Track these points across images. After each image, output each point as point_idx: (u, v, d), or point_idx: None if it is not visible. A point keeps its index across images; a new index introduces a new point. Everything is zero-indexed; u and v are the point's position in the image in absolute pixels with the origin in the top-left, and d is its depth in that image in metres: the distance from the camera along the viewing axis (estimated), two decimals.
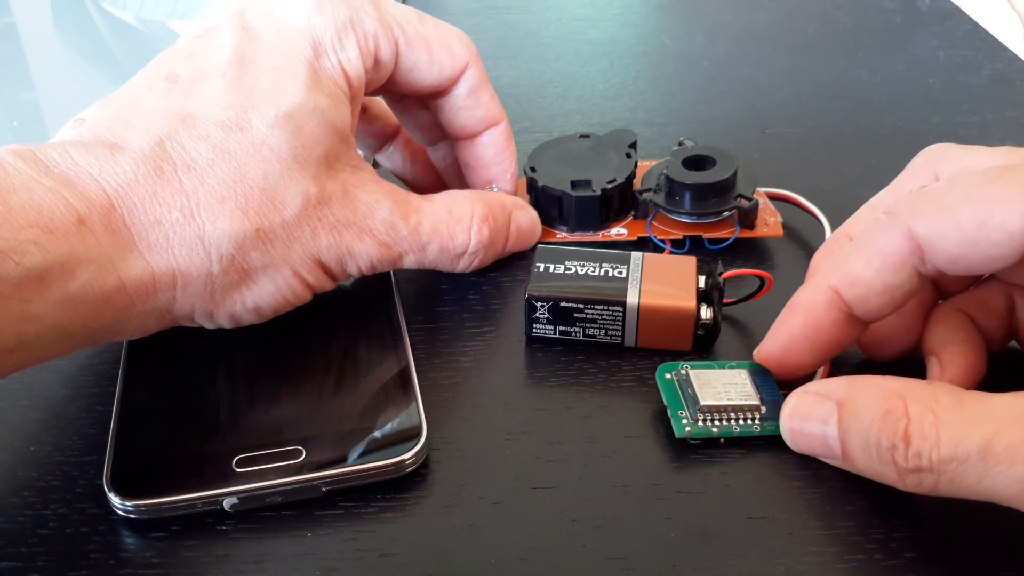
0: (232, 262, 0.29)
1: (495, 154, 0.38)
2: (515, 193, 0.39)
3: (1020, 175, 0.25)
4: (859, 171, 0.44)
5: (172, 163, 0.28)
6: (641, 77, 0.54)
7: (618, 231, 0.39)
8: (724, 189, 0.38)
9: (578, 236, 0.39)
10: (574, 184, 0.38)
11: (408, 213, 0.33)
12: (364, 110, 0.39)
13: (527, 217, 0.38)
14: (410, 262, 0.34)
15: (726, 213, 0.38)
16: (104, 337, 0.29)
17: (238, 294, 0.30)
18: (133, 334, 0.30)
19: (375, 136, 0.40)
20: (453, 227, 0.34)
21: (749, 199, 0.38)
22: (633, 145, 0.40)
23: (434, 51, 0.35)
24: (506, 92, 0.52)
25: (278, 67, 0.31)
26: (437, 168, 0.41)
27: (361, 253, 0.32)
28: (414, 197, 0.34)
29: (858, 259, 0.28)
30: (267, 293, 0.31)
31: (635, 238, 0.39)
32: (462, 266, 0.36)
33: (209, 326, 0.31)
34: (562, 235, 0.39)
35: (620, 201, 0.39)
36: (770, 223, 0.39)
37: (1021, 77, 0.52)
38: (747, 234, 0.38)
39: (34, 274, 0.25)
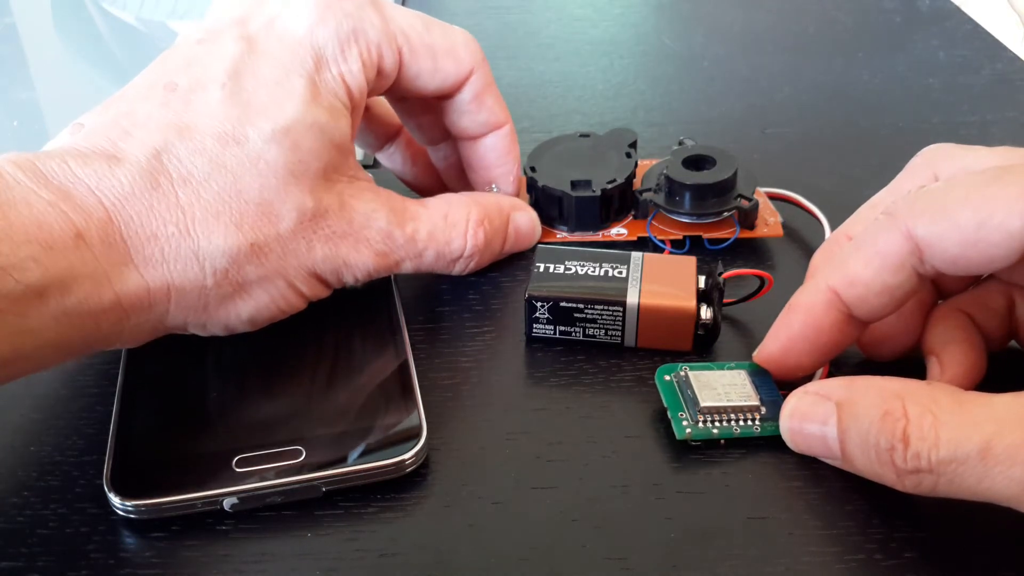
0: (226, 276, 0.29)
1: (497, 157, 0.38)
2: (516, 194, 0.39)
3: (1019, 176, 0.25)
4: (859, 171, 0.44)
5: (169, 176, 0.28)
6: (641, 77, 0.54)
7: (618, 231, 0.39)
8: (724, 189, 0.38)
9: (578, 236, 0.39)
10: (574, 184, 0.38)
11: (405, 221, 0.33)
12: (366, 109, 0.39)
13: (526, 218, 0.38)
14: (407, 268, 0.34)
15: (726, 213, 0.38)
16: (98, 347, 0.29)
17: (232, 306, 0.30)
18: (126, 343, 0.30)
19: (376, 135, 0.40)
20: (449, 232, 0.34)
21: (749, 199, 0.38)
22: (633, 145, 0.40)
23: (439, 59, 0.34)
24: (506, 92, 0.52)
25: (278, 80, 0.30)
26: (437, 168, 0.41)
27: (357, 263, 0.32)
28: (411, 203, 0.34)
29: (857, 260, 0.28)
30: (261, 305, 0.31)
31: (635, 238, 0.39)
32: (458, 269, 0.36)
33: (203, 335, 0.31)
34: (562, 235, 0.39)
35: (620, 201, 0.39)
36: (770, 223, 0.39)
37: (1021, 77, 0.52)
38: (747, 234, 0.38)
39: (32, 291, 0.25)
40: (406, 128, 0.40)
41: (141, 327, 0.29)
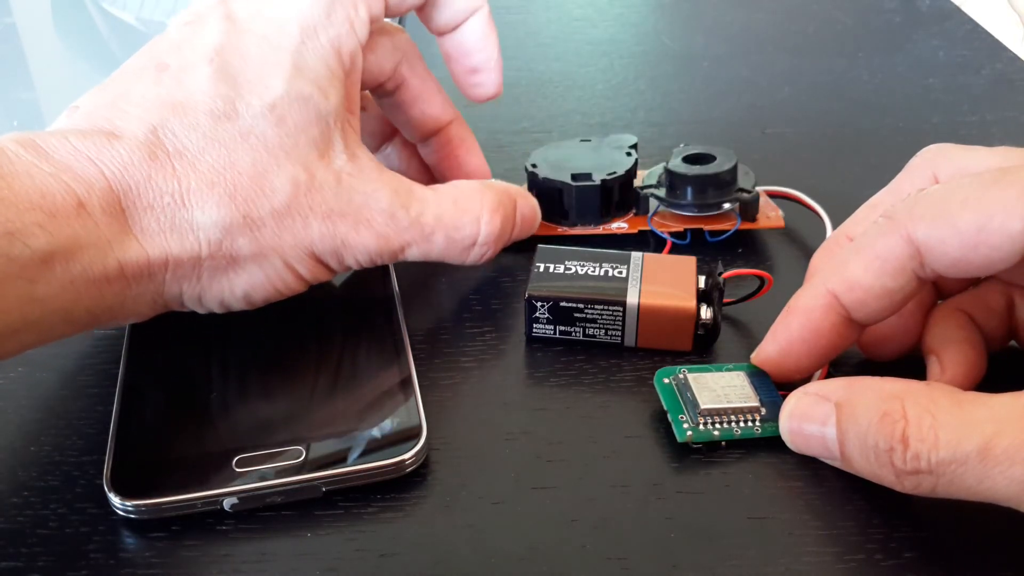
0: (220, 247, 0.29)
1: (478, 39, 0.37)
2: (500, 83, 0.38)
3: (1018, 177, 0.25)
4: (859, 171, 0.44)
5: (165, 150, 0.29)
6: (641, 77, 0.54)
7: (619, 225, 0.39)
8: (725, 182, 0.38)
9: (579, 230, 0.39)
10: (575, 176, 0.38)
11: (410, 203, 0.32)
12: (362, 109, 0.39)
13: (528, 205, 0.37)
14: (414, 254, 0.33)
15: (727, 205, 0.38)
16: (102, 320, 0.29)
17: (226, 280, 0.30)
18: (128, 316, 0.30)
19: (372, 136, 0.40)
20: (460, 217, 0.34)
21: (749, 191, 0.38)
22: (634, 146, 0.40)
23: None
24: (506, 92, 0.52)
25: (263, 57, 0.31)
26: (429, 165, 0.41)
27: (357, 245, 0.32)
28: (418, 187, 0.33)
29: (857, 263, 0.28)
30: (256, 281, 0.31)
31: (636, 231, 0.39)
32: (473, 257, 0.35)
33: (199, 311, 0.31)
34: (563, 228, 0.39)
35: (621, 195, 0.39)
36: (771, 216, 0.39)
37: (1021, 77, 0.52)
38: (748, 225, 0.38)
39: (39, 256, 0.26)
40: (396, 125, 0.40)
41: (141, 298, 0.29)
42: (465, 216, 0.34)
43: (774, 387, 0.30)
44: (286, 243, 0.30)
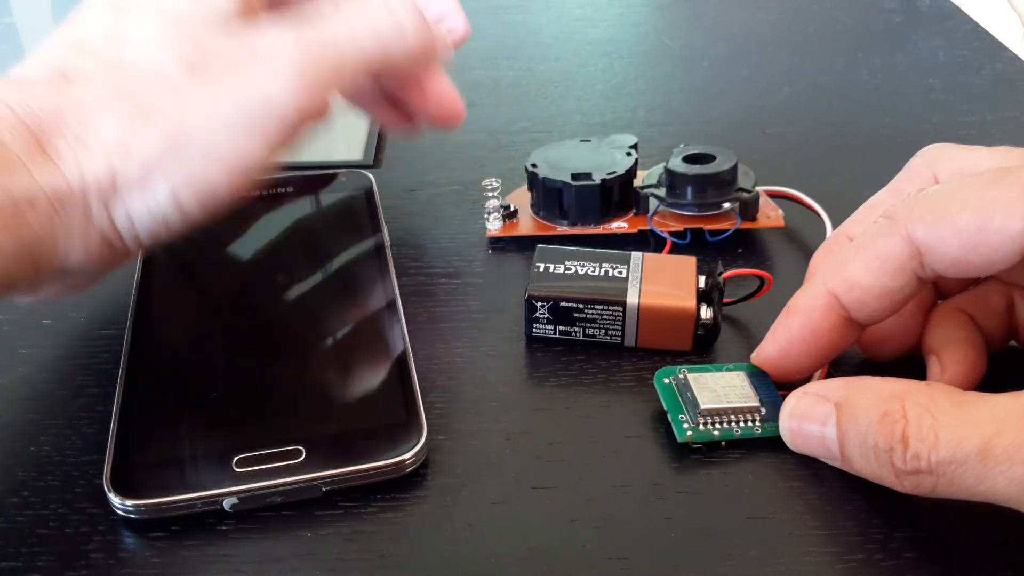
0: (128, 150, 0.28)
1: None
2: (466, 21, 0.37)
3: (1018, 177, 0.25)
4: (859, 171, 0.44)
5: (68, 79, 0.29)
6: (641, 77, 0.54)
7: (619, 225, 0.39)
8: (725, 181, 0.38)
9: (579, 229, 0.39)
10: (575, 176, 0.38)
11: (318, 27, 0.31)
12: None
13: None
14: (351, 72, 0.31)
15: (727, 205, 0.38)
16: (41, 262, 0.28)
17: (148, 190, 0.29)
18: (66, 257, 0.29)
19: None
20: (372, 15, 0.32)
21: (749, 191, 0.38)
22: (634, 146, 0.40)
23: None
24: (506, 92, 0.52)
25: None
26: (394, 98, 0.40)
27: (282, 93, 0.29)
28: (316, 18, 0.32)
29: (857, 264, 0.28)
30: (176, 181, 0.29)
31: (636, 231, 0.39)
32: (415, 44, 0.33)
33: (144, 239, 0.30)
34: (562, 228, 0.39)
35: (621, 195, 0.39)
36: (771, 216, 0.39)
37: (1021, 77, 0.52)
38: (748, 225, 0.38)
39: None
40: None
41: (72, 229, 0.28)
42: (378, 10, 0.32)
43: (774, 387, 0.30)
44: (193, 124, 0.29)
